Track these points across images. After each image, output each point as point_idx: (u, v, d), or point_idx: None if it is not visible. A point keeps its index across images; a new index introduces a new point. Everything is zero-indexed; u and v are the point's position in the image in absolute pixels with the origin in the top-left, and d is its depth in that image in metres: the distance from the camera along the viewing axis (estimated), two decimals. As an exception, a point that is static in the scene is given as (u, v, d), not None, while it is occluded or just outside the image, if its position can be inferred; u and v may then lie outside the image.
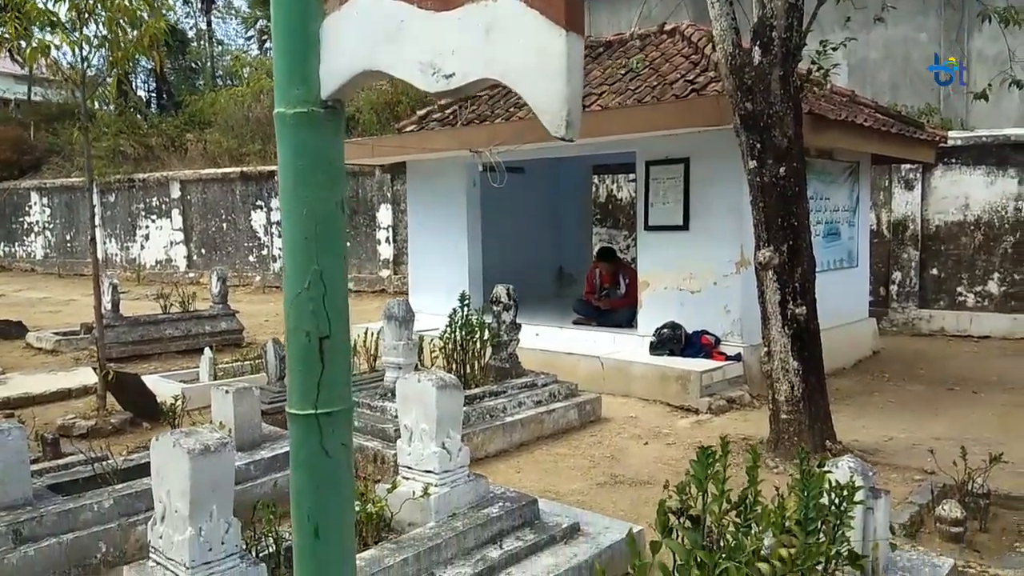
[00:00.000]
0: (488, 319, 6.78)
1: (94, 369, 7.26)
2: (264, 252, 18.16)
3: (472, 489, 3.97)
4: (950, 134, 10.93)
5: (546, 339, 8.63)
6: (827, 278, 7.90)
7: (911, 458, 5.66)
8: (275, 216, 17.57)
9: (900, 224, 11.60)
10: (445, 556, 3.55)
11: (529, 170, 11.42)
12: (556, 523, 4.05)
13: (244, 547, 3.22)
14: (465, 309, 6.54)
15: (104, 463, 4.63)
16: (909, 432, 6.38)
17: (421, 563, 3.44)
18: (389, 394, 6.03)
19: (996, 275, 11.02)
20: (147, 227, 20.37)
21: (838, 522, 2.69)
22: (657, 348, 7.84)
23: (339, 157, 1.23)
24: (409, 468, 3.94)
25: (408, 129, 10.33)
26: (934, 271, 11.46)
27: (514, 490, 4.26)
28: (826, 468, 2.90)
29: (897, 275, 11.62)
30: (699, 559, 2.26)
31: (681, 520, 2.45)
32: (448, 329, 6.46)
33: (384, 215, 16.30)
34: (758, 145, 5.55)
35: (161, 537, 2.99)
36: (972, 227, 11.17)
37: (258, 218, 18.19)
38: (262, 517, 3.45)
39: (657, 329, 7.93)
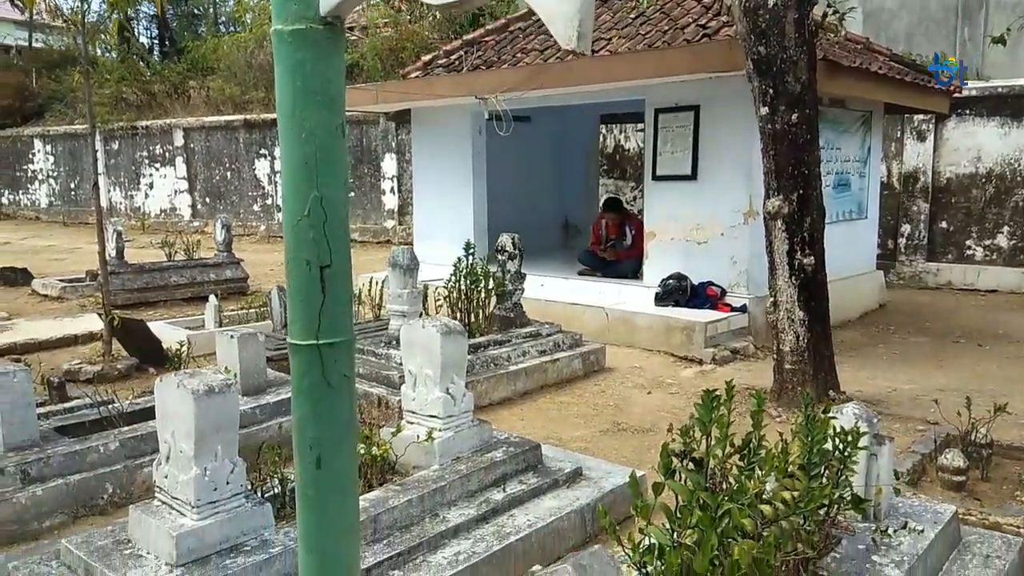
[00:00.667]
0: (493, 269, 6.75)
1: (99, 315, 7.27)
2: (268, 201, 18.08)
3: (476, 434, 3.98)
4: (965, 84, 10.71)
5: (551, 290, 8.61)
6: (835, 229, 7.84)
7: (915, 409, 5.67)
8: (279, 165, 17.42)
9: (911, 176, 11.46)
10: (449, 498, 3.58)
11: (536, 119, 11.27)
12: (559, 468, 4.07)
13: (250, 487, 3.25)
14: (470, 258, 6.50)
15: (110, 407, 4.66)
16: (913, 383, 6.38)
17: (425, 504, 3.47)
18: (394, 342, 6.03)
19: (1006, 229, 10.92)
20: (151, 175, 20.27)
21: (841, 467, 2.69)
22: (662, 299, 7.82)
23: (339, 78, 1.18)
24: (413, 413, 3.95)
25: (413, 75, 10.16)
26: (943, 224, 11.35)
27: (517, 435, 4.27)
28: (831, 414, 2.89)
29: (906, 228, 11.52)
30: (702, 500, 2.26)
31: (684, 462, 2.44)
32: (453, 278, 6.44)
33: (389, 165, 16.16)
34: (770, 91, 5.43)
35: (166, 477, 3.01)
36: (984, 180, 11.02)
37: (262, 167, 18.06)
38: (267, 459, 3.47)
39: (663, 280, 7.90)
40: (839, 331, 7.42)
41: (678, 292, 7.75)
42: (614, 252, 9.05)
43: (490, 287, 6.60)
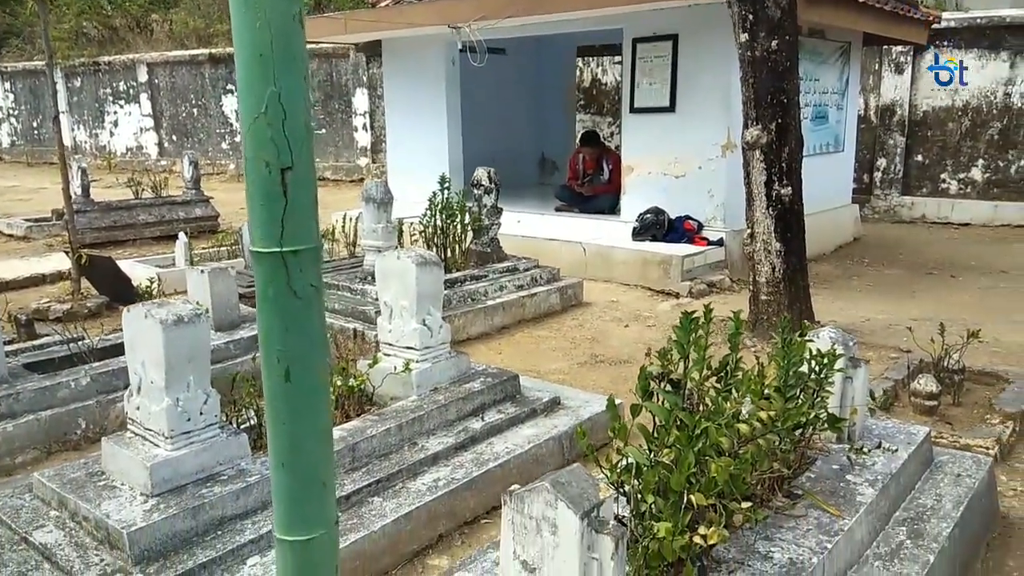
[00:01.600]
0: (469, 204, 6.65)
1: (66, 253, 7.11)
2: (237, 139, 17.65)
3: (453, 365, 3.96)
4: (943, 15, 10.59)
5: (528, 226, 8.54)
6: (812, 162, 7.78)
7: (888, 338, 5.73)
8: (248, 102, 16.97)
9: (887, 109, 11.41)
10: (427, 427, 3.57)
11: (511, 51, 11.01)
12: (537, 397, 4.08)
13: (225, 420, 3.21)
14: (445, 192, 6.40)
15: (80, 343, 4.58)
16: (887, 314, 6.45)
17: (404, 433, 3.46)
18: (369, 277, 5.97)
19: (980, 162, 10.95)
20: (115, 113, 19.69)
21: (817, 388, 2.70)
22: (640, 234, 7.79)
23: (297, -40, 1.09)
24: (390, 345, 3.92)
25: (383, 4, 9.84)
26: (919, 158, 11.36)
27: (495, 367, 4.26)
28: (807, 337, 2.89)
29: (882, 161, 11.52)
30: (679, 419, 2.26)
31: (662, 385, 2.44)
32: (428, 213, 6.34)
33: (360, 100, 15.80)
34: (750, 16, 5.31)
35: (138, 408, 2.96)
36: (960, 112, 11.00)
37: (229, 103, 17.60)
38: (242, 391, 3.43)
39: (640, 215, 7.85)
40: (814, 265, 7.45)
41: (655, 226, 7.72)
42: (591, 187, 8.97)
43: (466, 222, 6.51)
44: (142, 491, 2.79)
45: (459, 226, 6.48)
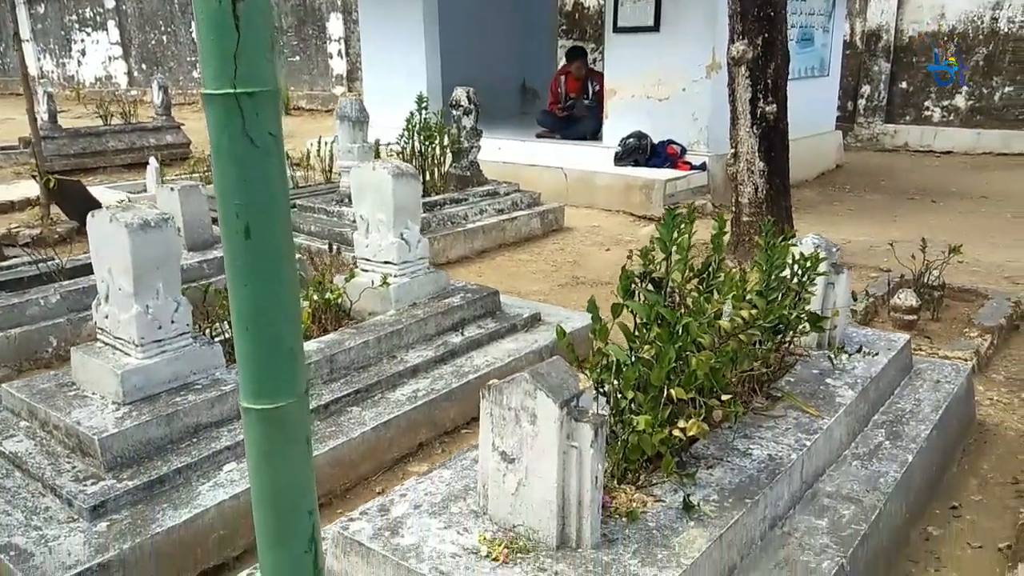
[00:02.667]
0: (448, 127, 6.49)
1: (34, 178, 6.91)
2: (211, 68, 17.11)
3: (432, 281, 3.90)
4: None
5: (508, 152, 8.38)
6: (797, 86, 7.64)
7: (869, 259, 5.73)
8: (220, 28, 16.41)
9: (873, 34, 11.22)
10: (407, 341, 3.53)
11: (491, -27, 10.66)
12: (518, 314, 4.04)
13: (199, 331, 3.14)
14: (423, 113, 6.23)
15: (49, 263, 4.47)
16: (868, 236, 6.44)
17: (382, 346, 3.41)
18: (346, 199, 5.84)
19: (964, 89, 10.85)
20: (82, 41, 19.01)
21: (800, 291, 2.66)
22: (622, 158, 7.67)
23: None
24: (367, 260, 3.84)
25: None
26: (903, 84, 11.24)
27: (475, 284, 4.20)
28: (790, 242, 2.85)
29: (866, 88, 11.39)
30: (660, 316, 2.22)
31: (643, 284, 2.39)
32: (405, 133, 6.18)
33: (335, 26, 15.32)
34: (737, -76, 5.12)
35: (107, 317, 2.88)
36: (946, 38, 10.85)
37: (202, 31, 17.00)
38: (215, 303, 3.35)
39: (622, 139, 7.72)
40: (796, 191, 7.38)
41: (638, 151, 7.60)
42: (574, 113, 8.76)
43: (445, 144, 6.37)
44: (114, 399, 2.73)
45: (437, 148, 6.34)
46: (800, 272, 2.73)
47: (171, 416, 2.69)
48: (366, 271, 3.82)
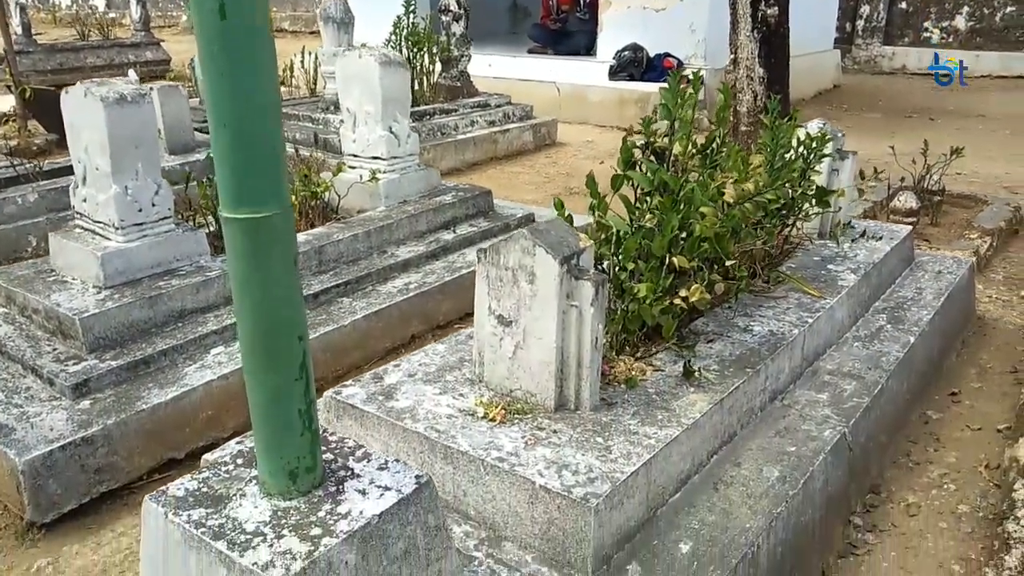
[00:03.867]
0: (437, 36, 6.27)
1: (9, 88, 6.66)
2: None
3: (423, 178, 3.78)
4: None
5: (499, 68, 8.15)
6: (795, 2, 7.44)
7: (868, 170, 5.63)
8: (199, -54, 15.80)
9: (876, -48, 10.90)
10: (397, 236, 3.43)
11: None
12: (511, 214, 3.95)
13: (181, 219, 3.03)
14: (411, 17, 6.00)
15: (27, 166, 4.33)
16: (866, 150, 6.28)
17: (372, 240, 3.32)
18: (331, 107, 5.67)
19: (965, 9, 10.60)
20: (56, -38, 18.28)
21: (805, 169, 2.57)
22: (617, 72, 7.47)
23: None
24: (355, 156, 3.71)
25: None
26: (903, 5, 10.97)
27: (467, 184, 4.09)
28: (797, 124, 2.75)
29: (865, 8, 11.11)
30: (663, 183, 2.13)
31: (645, 154, 2.29)
32: (392, 38, 5.96)
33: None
34: None
35: (85, 200, 2.77)
36: (950, -45, 10.55)
37: (180, -51, 16.37)
38: (198, 194, 3.24)
39: (617, 52, 7.51)
40: (793, 108, 7.24)
41: (633, 64, 7.40)
42: (575, 23, 8.47)
43: (434, 52, 6.16)
44: (94, 283, 2.64)
45: (426, 56, 6.13)
46: (805, 152, 2.63)
47: (155, 299, 2.60)
48: (353, 168, 3.69)
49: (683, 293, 2.04)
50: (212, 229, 3.20)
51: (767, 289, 2.54)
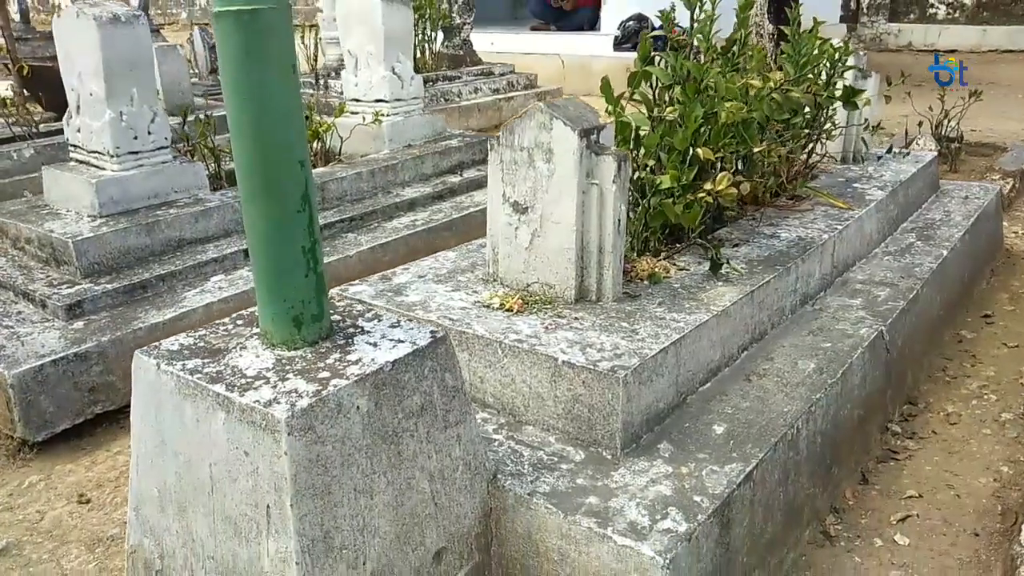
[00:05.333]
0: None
1: (6, 66, 6.57)
2: (190, -13, 16.51)
3: (428, 123, 3.67)
4: None
5: (502, 45, 8.05)
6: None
7: (886, 117, 5.51)
8: (197, -59, 15.76)
9: (880, -73, 10.79)
10: (403, 178, 3.32)
11: None
12: (518, 162, 3.82)
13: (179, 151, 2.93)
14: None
15: (23, 127, 4.24)
16: (880, 113, 6.20)
17: (377, 180, 3.21)
18: (332, 73, 5.57)
19: (972, -17, 10.48)
20: (54, -40, 18.22)
21: (831, 76, 2.46)
22: (622, 43, 7.36)
23: None
24: (357, 101, 3.60)
25: None
26: (909, -20, 10.85)
27: (473, 131, 3.99)
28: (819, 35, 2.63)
29: (870, -14, 11.00)
30: (687, 72, 2.02)
31: (666, 49, 2.18)
32: (394, 5, 5.85)
33: (320, -64, 14.68)
34: None
35: (79, 131, 2.66)
36: (955, -71, 10.43)
37: (179, -55, 16.33)
38: (197, 130, 3.13)
39: (622, 22, 7.39)
40: (802, 72, 7.13)
41: (638, 34, 7.27)
42: (570, 1, 8.40)
43: (436, 18, 6.05)
44: (89, 212, 2.53)
45: (428, 24, 6.02)
46: (829, 64, 2.52)
47: (151, 226, 2.50)
48: (355, 113, 3.58)
49: (708, 187, 1.93)
50: (211, 170, 3.09)
51: (792, 205, 2.43)
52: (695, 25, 2.14)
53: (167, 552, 1.24)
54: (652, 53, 2.13)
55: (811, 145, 2.58)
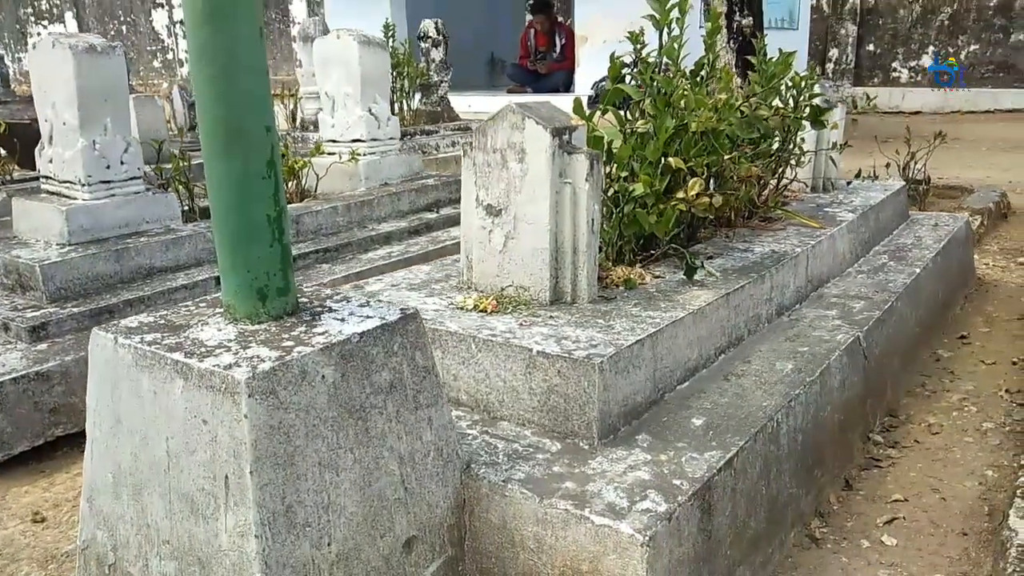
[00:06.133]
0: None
1: (-18, 125, 6.58)
2: (169, 56, 16.79)
3: (405, 162, 3.70)
4: None
5: (479, 106, 8.22)
6: (767, 37, 7.60)
7: (852, 167, 5.63)
8: (178, 14, 16.11)
9: (840, -2, 11.26)
10: (379, 214, 3.33)
11: (457, -59, 10.52)
12: (495, 202, 3.85)
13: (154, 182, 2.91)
14: (391, 41, 6.03)
15: (-5, 175, 4.22)
16: (847, 165, 6.35)
17: (352, 215, 3.21)
18: (311, 126, 5.63)
19: (931, 49, 10.91)
20: (38, 35, 18.49)
21: (799, 96, 2.51)
22: (595, 102, 7.52)
23: None
24: (334, 142, 3.62)
25: None
26: (870, 47, 11.27)
27: (450, 173, 4.02)
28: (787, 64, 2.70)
29: (834, 52, 11.41)
30: (657, 87, 2.05)
31: (635, 71, 2.22)
32: (373, 62, 5.97)
33: (299, 8, 15.06)
34: None
35: (51, 161, 2.64)
36: (911, -1, 10.91)
37: (160, 18, 16.66)
38: (171, 163, 3.12)
39: (595, 83, 7.59)
40: (772, 129, 7.31)
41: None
42: (545, 65, 8.64)
43: (414, 76, 6.17)
44: (58, 241, 2.49)
45: (406, 81, 6.14)
46: (796, 90, 2.58)
47: (121, 252, 2.46)
48: (332, 153, 3.60)
49: (680, 195, 1.94)
50: (184, 205, 3.07)
51: (765, 226, 2.45)
52: (663, 46, 2.18)
53: (120, 543, 1.17)
54: (622, 72, 2.17)
55: (781, 169, 2.62)
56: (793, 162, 2.63)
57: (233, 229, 1.11)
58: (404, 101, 6.22)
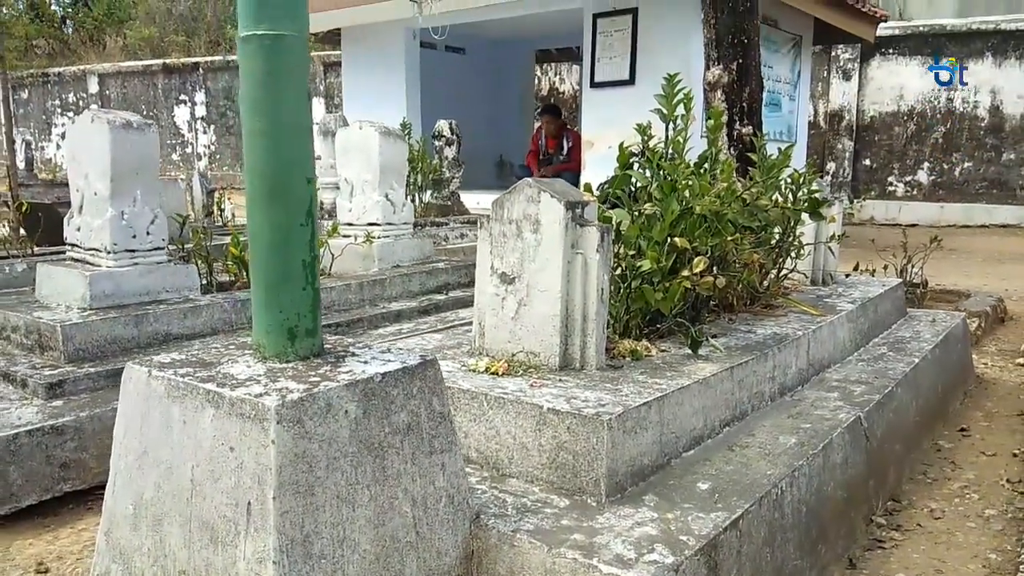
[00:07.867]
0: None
1: (6, 204, 6.79)
2: (188, 149, 17.35)
3: (417, 247, 3.81)
4: (888, 23, 11.01)
5: (487, 204, 8.45)
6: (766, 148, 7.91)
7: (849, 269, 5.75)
8: (199, 111, 16.76)
9: (836, 115, 11.73)
10: (390, 293, 3.41)
11: (470, 52, 11.09)
12: (502, 289, 3.94)
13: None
14: (408, 137, 6.28)
15: (17, 250, 4.36)
16: (844, 269, 6.48)
17: (364, 293, 3.29)
18: (326, 214, 5.80)
19: (926, 165, 11.28)
20: (63, 125, 19.17)
21: (797, 191, 2.63)
22: (602, 201, 7.75)
23: None
24: (351, 225, 3.75)
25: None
26: (867, 162, 11.66)
27: (459, 258, 4.13)
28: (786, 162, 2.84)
29: (831, 166, 11.80)
30: (662, 172, 2.17)
31: (642, 160, 2.35)
32: (388, 157, 6.20)
33: (317, 110, 15.69)
34: (711, -47, 5.41)
35: (79, 230, 2.75)
36: (905, 117, 11.36)
37: (182, 114, 17.31)
38: (194, 240, 3.23)
39: (601, 185, 7.81)
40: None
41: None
42: (552, 168, 8.93)
43: (428, 171, 6.40)
44: (79, 305, 2.56)
45: (419, 176, 6.36)
46: (795, 186, 2.71)
47: (140, 318, 2.53)
48: (347, 236, 3.72)
49: (685, 273, 2.02)
50: (203, 279, 3.16)
51: (766, 312, 2.52)
52: (669, 138, 2.31)
53: (135, 574, 1.19)
54: (631, 160, 2.30)
55: (782, 259, 2.72)
56: (793, 254, 2.73)
57: (271, 271, 1.19)
58: (417, 195, 6.42)
